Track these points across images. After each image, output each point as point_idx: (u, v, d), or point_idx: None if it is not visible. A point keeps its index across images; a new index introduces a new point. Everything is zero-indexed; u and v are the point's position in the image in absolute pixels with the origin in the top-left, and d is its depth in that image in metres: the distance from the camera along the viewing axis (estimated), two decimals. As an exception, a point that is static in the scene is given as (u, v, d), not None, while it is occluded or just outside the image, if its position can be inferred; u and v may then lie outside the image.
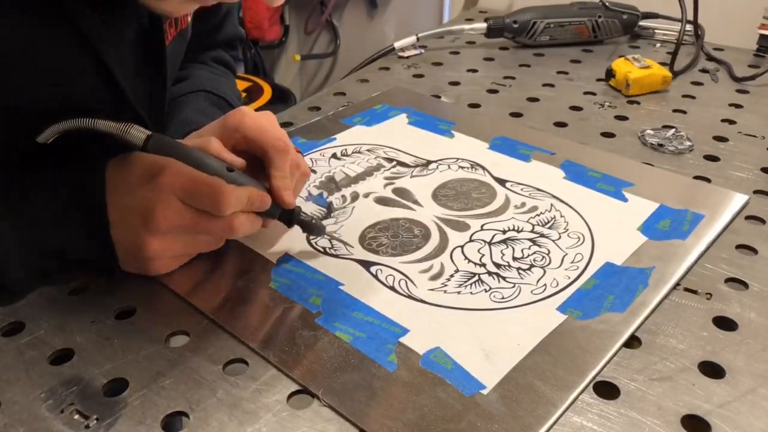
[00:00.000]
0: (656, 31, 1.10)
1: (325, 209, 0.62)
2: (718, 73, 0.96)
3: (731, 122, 0.81)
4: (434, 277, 0.53)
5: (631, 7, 1.08)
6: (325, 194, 0.64)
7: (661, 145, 0.74)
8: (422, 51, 1.04)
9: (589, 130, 0.79)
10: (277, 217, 0.54)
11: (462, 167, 0.69)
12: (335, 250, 0.56)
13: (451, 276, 0.53)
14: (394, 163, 0.70)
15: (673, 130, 0.73)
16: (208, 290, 0.52)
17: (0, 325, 0.49)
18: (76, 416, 0.42)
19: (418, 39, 1.03)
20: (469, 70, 0.98)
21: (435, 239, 0.58)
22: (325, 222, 0.59)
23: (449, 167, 0.69)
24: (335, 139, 0.75)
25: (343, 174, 0.68)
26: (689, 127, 0.79)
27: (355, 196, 0.64)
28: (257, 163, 0.55)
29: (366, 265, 0.55)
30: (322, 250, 0.56)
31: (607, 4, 1.07)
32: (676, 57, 0.94)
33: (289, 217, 0.55)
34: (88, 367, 0.45)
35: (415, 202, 0.63)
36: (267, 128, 0.55)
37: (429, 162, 0.70)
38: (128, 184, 0.50)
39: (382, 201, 0.63)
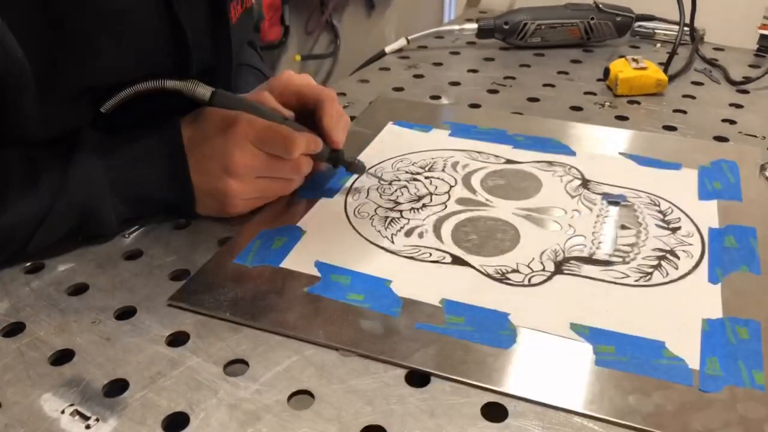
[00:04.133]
0: (656, 31, 1.10)
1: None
2: (713, 74, 0.96)
3: (731, 122, 0.81)
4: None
5: (625, 8, 1.06)
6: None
7: None
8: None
9: (589, 130, 0.79)
10: (325, 159, 0.62)
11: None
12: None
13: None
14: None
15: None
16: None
17: (0, 326, 0.49)
18: (77, 417, 0.42)
19: (408, 42, 1.03)
20: (469, 70, 0.98)
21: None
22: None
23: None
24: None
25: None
26: (689, 127, 0.79)
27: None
28: (301, 121, 0.62)
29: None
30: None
31: (600, 5, 1.05)
32: (672, 60, 0.93)
33: (337, 157, 0.63)
34: (89, 367, 0.45)
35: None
36: (313, 83, 0.63)
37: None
38: (204, 136, 0.57)
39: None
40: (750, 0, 1.06)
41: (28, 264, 0.55)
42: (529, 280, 0.53)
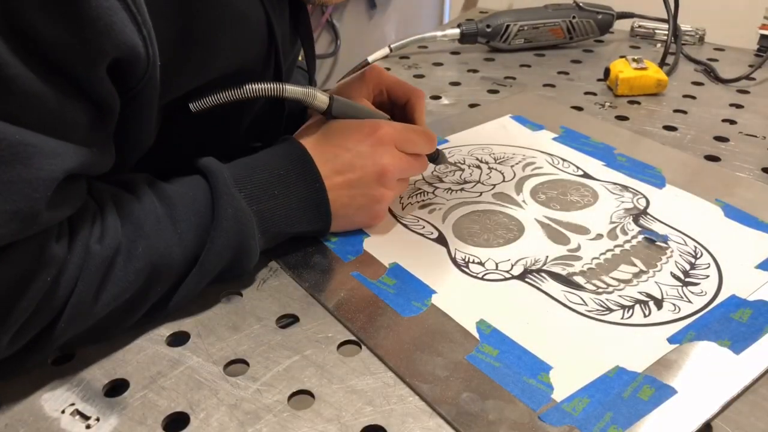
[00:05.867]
0: (656, 31, 1.10)
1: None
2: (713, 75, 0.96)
3: (732, 122, 0.81)
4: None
5: (605, 6, 1.07)
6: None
7: None
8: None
9: (589, 131, 0.79)
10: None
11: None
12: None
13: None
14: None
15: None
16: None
17: (0, 326, 0.49)
18: (77, 416, 0.42)
19: (391, 50, 1.02)
20: (469, 70, 0.98)
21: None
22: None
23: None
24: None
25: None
26: (690, 127, 0.79)
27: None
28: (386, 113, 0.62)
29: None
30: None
31: (580, 4, 1.05)
32: (665, 58, 0.93)
33: (435, 153, 0.62)
34: (89, 367, 0.45)
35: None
36: (402, 80, 0.64)
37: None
38: (344, 149, 0.55)
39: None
40: (750, 0, 1.06)
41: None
42: (485, 276, 0.54)
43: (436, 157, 0.63)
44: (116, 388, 0.44)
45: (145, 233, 0.45)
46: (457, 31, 1.04)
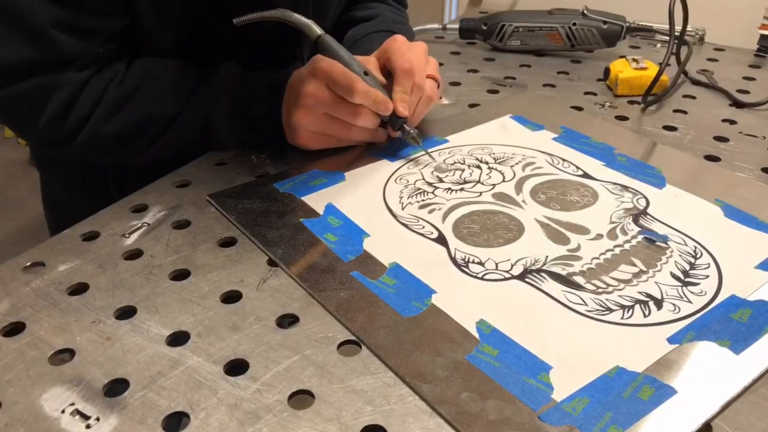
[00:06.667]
0: (657, 32, 1.10)
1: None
2: (714, 76, 0.95)
3: (732, 122, 0.81)
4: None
5: (616, 16, 1.02)
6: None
7: None
8: None
9: (589, 131, 0.79)
10: (396, 128, 0.69)
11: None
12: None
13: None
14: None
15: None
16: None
17: (1, 326, 0.49)
18: (77, 416, 0.42)
19: None
20: (469, 70, 0.98)
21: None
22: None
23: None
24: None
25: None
26: (690, 127, 0.79)
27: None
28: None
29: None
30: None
31: (585, 11, 1.02)
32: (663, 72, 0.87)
33: (395, 121, 0.68)
34: (89, 367, 0.45)
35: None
36: (404, 53, 0.69)
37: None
38: (299, 72, 0.68)
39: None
40: (750, 0, 1.06)
41: (29, 263, 0.55)
42: (484, 276, 0.54)
43: (395, 125, 0.69)
44: (116, 388, 0.44)
45: (156, 91, 0.67)
46: (456, 25, 1.06)
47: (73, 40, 0.63)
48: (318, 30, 0.67)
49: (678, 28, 0.88)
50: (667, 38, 1.08)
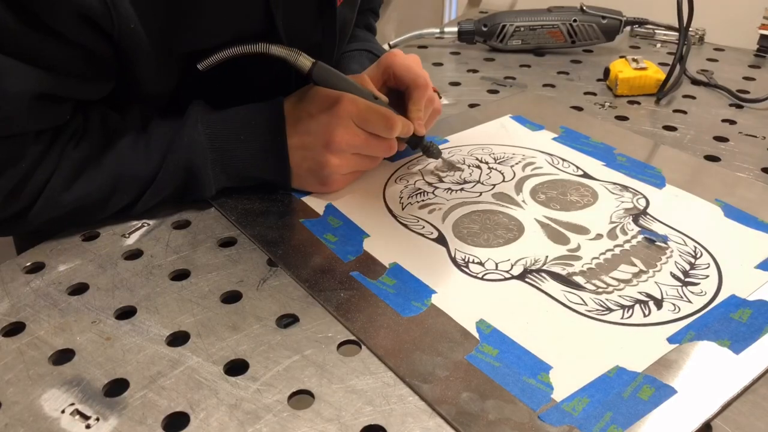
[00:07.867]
0: (656, 31, 1.10)
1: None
2: (714, 76, 0.95)
3: (731, 122, 0.81)
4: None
5: (613, 11, 1.03)
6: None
7: None
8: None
9: (589, 131, 0.79)
10: (406, 141, 0.66)
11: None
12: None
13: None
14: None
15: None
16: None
17: (1, 326, 0.49)
18: (77, 416, 0.42)
19: (390, 47, 1.02)
20: (469, 70, 0.98)
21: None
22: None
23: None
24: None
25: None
26: (689, 127, 0.79)
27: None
28: (395, 100, 0.66)
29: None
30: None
31: (584, 7, 1.02)
32: (674, 70, 0.90)
33: (417, 141, 0.66)
34: (89, 367, 0.45)
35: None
36: (412, 67, 0.66)
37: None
38: (308, 113, 0.61)
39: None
40: (750, 0, 1.06)
41: (29, 264, 0.55)
42: (484, 276, 0.54)
43: (417, 145, 0.66)
44: (116, 388, 0.44)
45: (119, 147, 0.57)
46: (455, 29, 1.04)
47: (46, 110, 0.53)
48: (308, 59, 0.60)
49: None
50: (667, 38, 1.08)
